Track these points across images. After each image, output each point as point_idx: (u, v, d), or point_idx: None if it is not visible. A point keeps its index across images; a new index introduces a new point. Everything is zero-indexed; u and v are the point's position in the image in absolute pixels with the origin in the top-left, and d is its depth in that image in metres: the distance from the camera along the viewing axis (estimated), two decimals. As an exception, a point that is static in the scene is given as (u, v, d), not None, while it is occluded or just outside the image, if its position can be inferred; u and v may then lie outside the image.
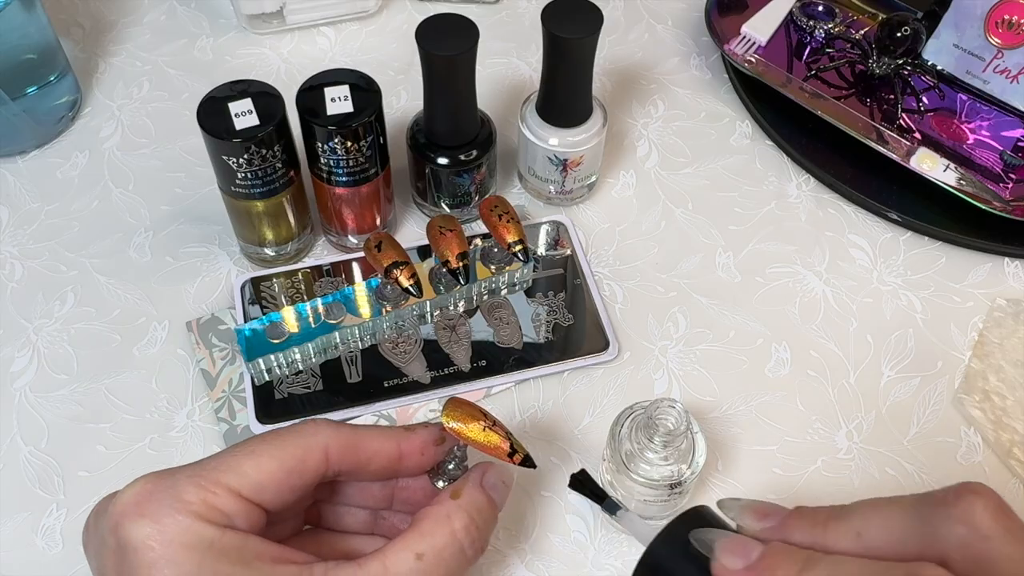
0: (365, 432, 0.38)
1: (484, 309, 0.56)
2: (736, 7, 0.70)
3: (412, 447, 0.39)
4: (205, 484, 0.34)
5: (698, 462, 0.44)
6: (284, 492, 0.36)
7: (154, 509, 0.33)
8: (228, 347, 0.54)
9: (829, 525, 0.30)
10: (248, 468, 0.35)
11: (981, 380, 0.53)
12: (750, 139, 0.66)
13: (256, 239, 0.56)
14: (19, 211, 0.60)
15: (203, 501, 0.33)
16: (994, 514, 0.28)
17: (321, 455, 0.37)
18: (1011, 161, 0.62)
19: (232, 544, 0.33)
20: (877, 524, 0.29)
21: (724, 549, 0.30)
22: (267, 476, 0.35)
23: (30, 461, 0.50)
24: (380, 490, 0.41)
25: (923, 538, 0.28)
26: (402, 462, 0.39)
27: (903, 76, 0.64)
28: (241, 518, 0.34)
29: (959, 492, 0.28)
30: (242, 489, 0.35)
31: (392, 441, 0.39)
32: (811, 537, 0.30)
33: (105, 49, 0.70)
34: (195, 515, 0.33)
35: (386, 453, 0.38)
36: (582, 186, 0.60)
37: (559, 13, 0.52)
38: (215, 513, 0.34)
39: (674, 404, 0.42)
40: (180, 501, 0.33)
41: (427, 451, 0.39)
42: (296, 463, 0.36)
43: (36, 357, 0.54)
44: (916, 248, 0.60)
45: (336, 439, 0.37)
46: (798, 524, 0.31)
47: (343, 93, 0.51)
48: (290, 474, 0.36)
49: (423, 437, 0.39)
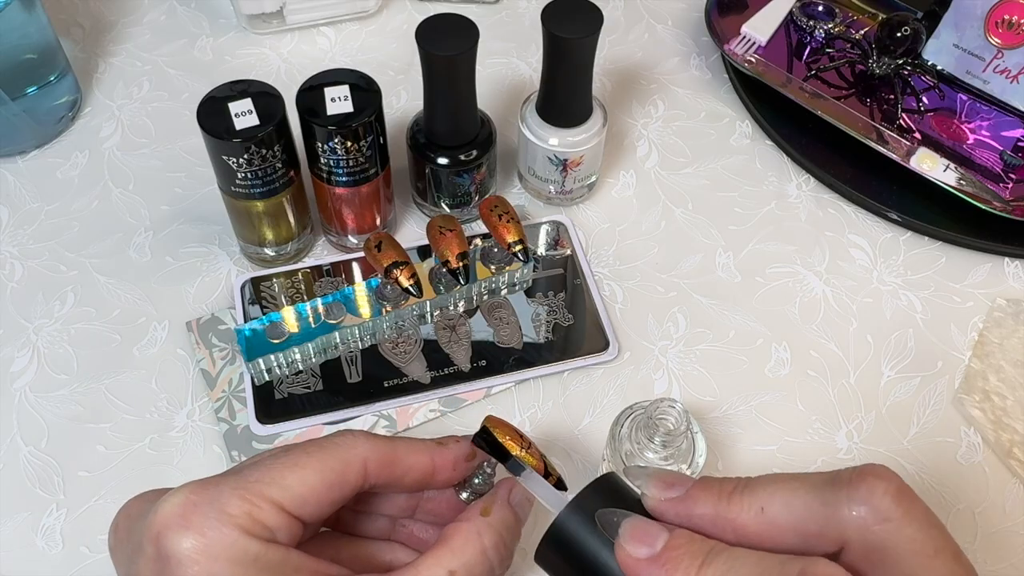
0: (402, 446, 0.38)
1: (484, 309, 0.56)
2: (736, 7, 0.70)
3: (445, 462, 0.39)
4: (250, 497, 0.33)
5: (698, 462, 0.44)
6: (324, 506, 0.35)
7: (199, 521, 0.32)
8: (228, 347, 0.54)
9: (733, 498, 0.30)
10: (292, 481, 0.34)
11: (981, 380, 0.53)
12: (750, 139, 0.66)
13: (256, 239, 0.56)
14: (19, 211, 0.60)
15: (248, 514, 0.33)
16: (895, 497, 0.28)
17: (360, 469, 0.36)
18: (1011, 161, 0.62)
19: (276, 559, 0.33)
20: (780, 500, 0.30)
21: (629, 535, 0.30)
22: (310, 490, 0.35)
23: (30, 461, 0.50)
24: (406, 500, 0.41)
25: (824, 518, 0.29)
26: (435, 476, 0.39)
27: (903, 76, 0.64)
28: (283, 532, 0.34)
29: (862, 474, 0.29)
30: (285, 503, 0.34)
31: (427, 455, 0.38)
32: (715, 509, 0.30)
33: (105, 49, 0.70)
34: (240, 529, 0.32)
35: (421, 468, 0.38)
36: (582, 186, 0.60)
37: (559, 13, 0.52)
38: (259, 527, 0.33)
39: (674, 404, 0.42)
40: (225, 514, 0.32)
41: (459, 466, 0.39)
42: (336, 477, 0.35)
43: (36, 357, 0.54)
44: (916, 248, 0.60)
45: (374, 453, 0.37)
46: (703, 496, 0.31)
47: (343, 93, 0.51)
48: (331, 488, 0.35)
49: (455, 452, 0.39)
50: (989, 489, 0.50)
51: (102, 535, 0.47)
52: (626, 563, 0.30)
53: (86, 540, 0.47)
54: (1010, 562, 0.47)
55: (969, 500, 0.49)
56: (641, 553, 0.30)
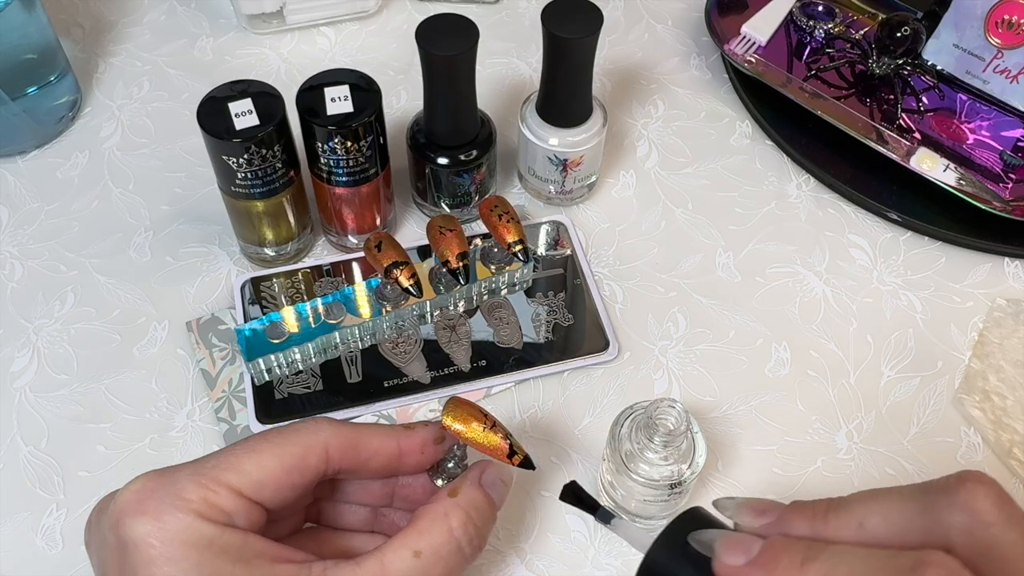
0: (366, 430, 0.39)
1: (484, 309, 0.56)
2: (736, 7, 0.70)
3: (412, 445, 0.39)
4: (206, 482, 0.34)
5: (698, 462, 0.44)
6: (284, 490, 0.36)
7: (155, 506, 0.33)
8: (228, 347, 0.54)
9: (829, 517, 0.30)
10: (249, 467, 0.35)
11: (981, 380, 0.53)
12: (750, 139, 0.66)
13: (256, 239, 0.56)
14: (19, 211, 0.60)
15: (204, 499, 0.33)
16: (996, 501, 0.28)
17: (321, 454, 0.37)
18: (1011, 161, 0.62)
19: (232, 542, 0.33)
20: (878, 513, 0.29)
21: (725, 547, 0.30)
22: (267, 475, 0.35)
23: (30, 461, 0.50)
24: (380, 488, 0.42)
25: (925, 526, 0.28)
26: (402, 460, 0.39)
27: (903, 76, 0.64)
28: (241, 516, 0.34)
29: (961, 480, 0.28)
30: (243, 488, 0.35)
31: (392, 440, 0.39)
32: (812, 530, 0.30)
33: (105, 49, 0.70)
34: (196, 513, 0.33)
35: (386, 452, 0.39)
36: (582, 186, 0.60)
37: (559, 13, 0.52)
38: (215, 511, 0.34)
39: (674, 404, 0.42)
40: (181, 499, 0.33)
41: (427, 449, 0.40)
42: (296, 462, 0.36)
43: (36, 357, 0.54)
44: (916, 248, 0.60)
45: (337, 438, 0.37)
46: (797, 518, 0.31)
47: (343, 93, 0.51)
48: (290, 472, 0.36)
49: (423, 436, 0.40)
50: (989, 489, 0.50)
51: (102, 535, 0.47)
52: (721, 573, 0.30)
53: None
54: (1010, 562, 0.47)
55: (969, 500, 0.49)
56: (739, 561, 0.29)
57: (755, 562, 0.29)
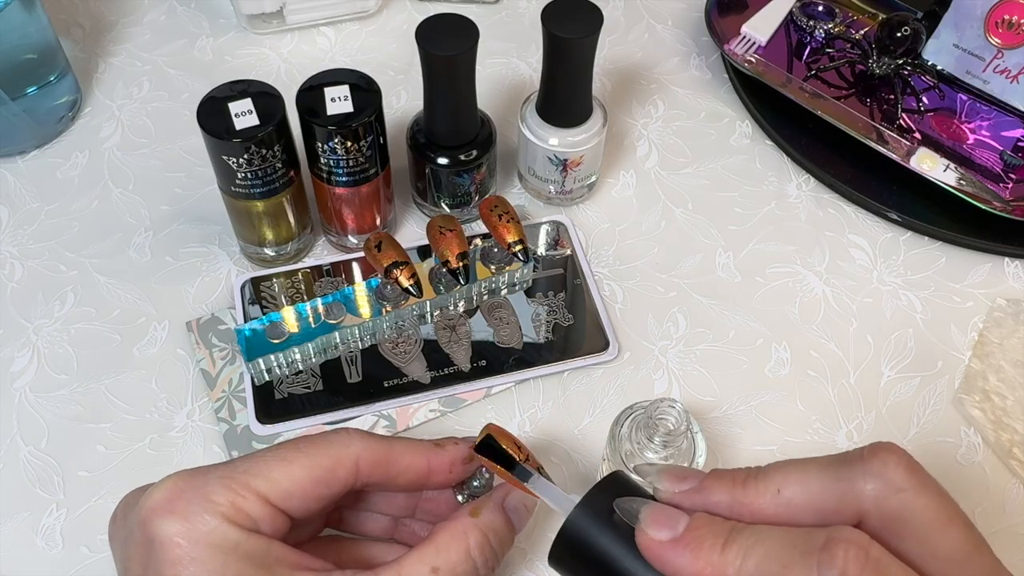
0: (397, 446, 0.38)
1: (484, 309, 0.56)
2: (736, 7, 0.70)
3: (441, 464, 0.39)
4: (235, 487, 0.34)
5: (698, 462, 0.44)
6: (311, 501, 0.36)
7: (183, 507, 0.33)
8: (228, 347, 0.54)
9: (748, 484, 0.31)
10: (278, 475, 0.35)
11: (981, 380, 0.53)
12: (750, 139, 0.66)
13: (256, 239, 0.56)
14: (19, 211, 0.60)
15: (232, 503, 0.34)
16: (906, 468, 0.29)
17: (351, 467, 0.37)
18: (1011, 161, 0.62)
19: (256, 548, 0.34)
20: (795, 481, 0.30)
21: (650, 519, 0.30)
22: (296, 485, 0.35)
23: (30, 461, 0.50)
24: (405, 500, 0.41)
25: (840, 493, 0.29)
26: (430, 477, 0.39)
27: (903, 76, 0.64)
28: (267, 523, 0.34)
29: (873, 450, 0.30)
30: (270, 495, 0.35)
31: (422, 456, 0.38)
32: (730, 496, 0.31)
33: (105, 49, 0.70)
34: (223, 517, 0.33)
35: (416, 468, 0.38)
36: (582, 186, 0.60)
37: (559, 13, 0.52)
38: (242, 516, 0.34)
39: (674, 404, 0.42)
40: (209, 501, 0.33)
41: (455, 468, 0.39)
42: (325, 473, 0.36)
43: (36, 357, 0.54)
44: (916, 248, 0.60)
45: (368, 452, 0.37)
46: (717, 485, 0.31)
47: (343, 93, 0.51)
48: (318, 484, 0.36)
49: (452, 455, 0.39)
50: (989, 489, 0.50)
51: (102, 535, 0.47)
52: (649, 547, 0.30)
53: (86, 540, 0.47)
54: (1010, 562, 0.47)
55: (969, 500, 0.49)
56: (663, 536, 0.30)
57: (680, 540, 0.30)
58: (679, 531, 0.30)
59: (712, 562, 0.29)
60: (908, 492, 0.28)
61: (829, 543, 0.27)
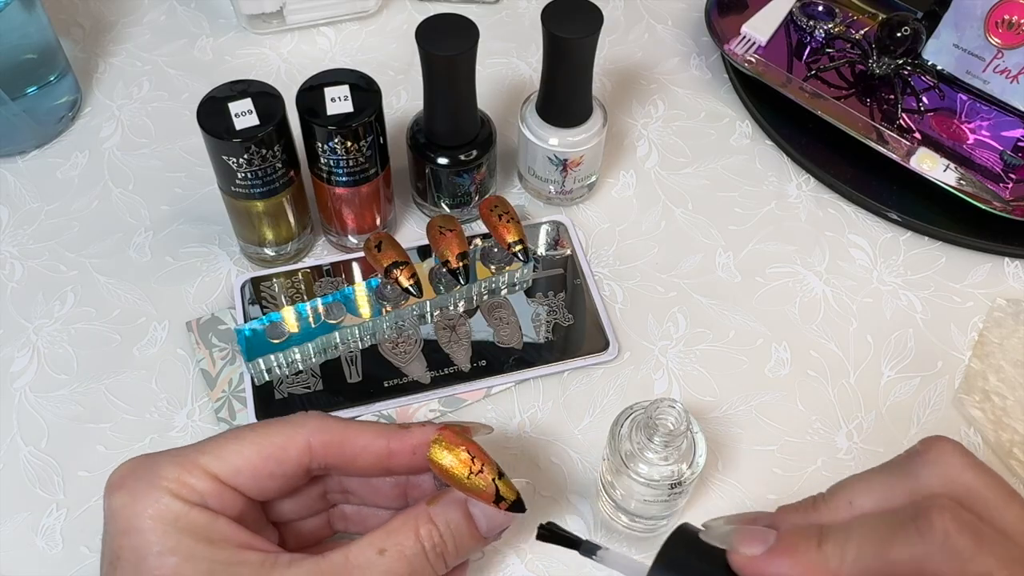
0: (355, 427, 0.38)
1: (484, 309, 0.56)
2: (736, 7, 0.70)
3: (403, 446, 0.39)
4: (184, 463, 0.35)
5: (698, 462, 0.44)
6: (262, 479, 0.37)
7: (132, 483, 0.35)
8: (228, 347, 0.54)
9: (819, 506, 0.32)
10: (227, 452, 0.36)
11: (981, 380, 0.53)
12: (750, 139, 0.66)
13: (256, 239, 0.56)
14: (19, 211, 0.60)
15: (178, 479, 0.35)
16: (963, 455, 0.31)
17: (303, 445, 0.37)
18: (1011, 161, 0.62)
19: (199, 522, 0.34)
20: (863, 491, 0.31)
21: (741, 539, 0.31)
22: (244, 461, 0.36)
23: (30, 461, 0.50)
24: (391, 489, 0.41)
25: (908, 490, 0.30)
26: (392, 460, 0.39)
27: (903, 76, 0.64)
28: (214, 499, 0.35)
29: (927, 443, 0.31)
30: (219, 471, 0.36)
31: (382, 438, 0.38)
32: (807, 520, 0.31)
33: (105, 49, 0.70)
34: (167, 491, 0.34)
35: (374, 450, 0.38)
36: (582, 186, 0.60)
37: (559, 13, 0.52)
38: (188, 491, 0.35)
39: (674, 404, 0.42)
40: (157, 476, 0.35)
41: (419, 451, 0.39)
42: (275, 450, 0.37)
43: (36, 357, 0.54)
44: (916, 248, 0.60)
45: (321, 432, 0.38)
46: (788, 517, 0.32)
47: (343, 93, 0.51)
48: (267, 460, 0.37)
49: (416, 438, 0.39)
50: (989, 489, 0.50)
51: (102, 535, 0.47)
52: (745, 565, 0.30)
53: (86, 540, 0.47)
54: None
55: (969, 500, 0.49)
56: (757, 550, 0.30)
57: (774, 550, 0.30)
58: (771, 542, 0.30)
59: (812, 560, 0.29)
60: (970, 472, 0.30)
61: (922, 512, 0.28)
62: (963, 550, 0.28)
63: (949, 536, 0.28)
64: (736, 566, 0.31)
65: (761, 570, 0.30)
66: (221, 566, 0.34)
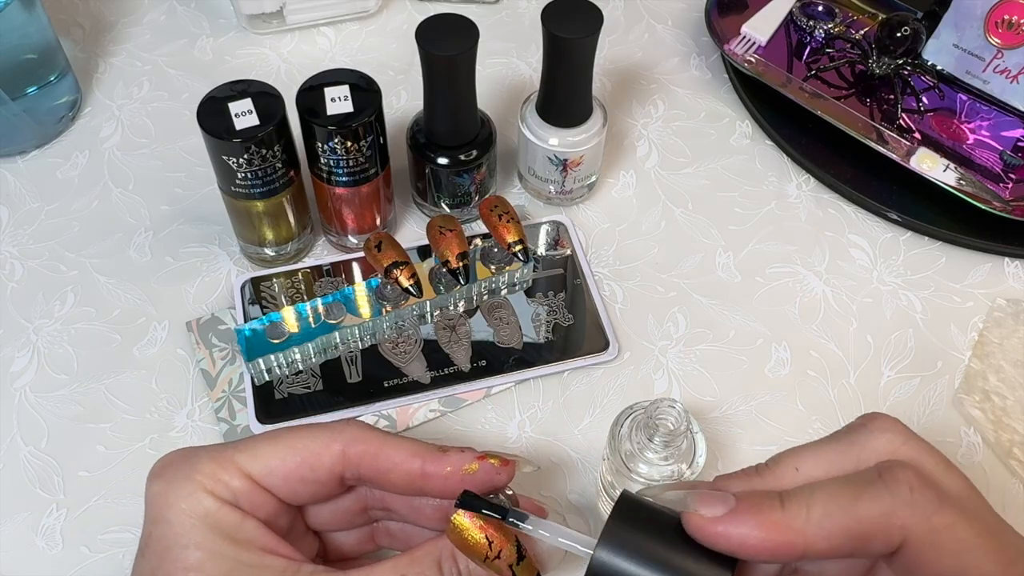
0: (393, 441, 0.38)
1: (484, 309, 0.56)
2: (736, 7, 0.70)
3: (437, 470, 0.37)
4: (220, 460, 0.36)
5: (698, 462, 0.44)
6: (293, 482, 0.36)
7: (171, 473, 0.35)
8: (228, 347, 0.54)
9: (763, 473, 0.32)
10: (262, 452, 0.36)
11: (981, 380, 0.53)
12: (750, 139, 0.66)
13: (256, 239, 0.56)
14: (19, 211, 0.60)
15: (212, 474, 0.35)
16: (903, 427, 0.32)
17: (338, 452, 0.37)
18: (1011, 161, 0.62)
19: (227, 520, 0.35)
20: (810, 459, 0.32)
21: (701, 501, 0.30)
22: (278, 461, 0.36)
23: (30, 461, 0.50)
24: (432, 511, 0.40)
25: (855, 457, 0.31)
26: (426, 481, 0.38)
27: (903, 76, 0.64)
28: (245, 499, 0.35)
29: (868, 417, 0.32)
30: (252, 471, 0.36)
31: (417, 458, 0.37)
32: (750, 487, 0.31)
33: (105, 49, 0.70)
34: (201, 485, 0.35)
35: (407, 468, 0.37)
36: (582, 186, 0.60)
37: (559, 13, 0.52)
38: (221, 488, 0.35)
39: (674, 404, 0.42)
40: (194, 470, 0.35)
41: (452, 478, 0.38)
42: (309, 455, 0.36)
43: (36, 357, 0.54)
44: (916, 248, 0.60)
45: (358, 442, 0.37)
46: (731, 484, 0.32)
47: (343, 93, 0.51)
48: (301, 465, 0.36)
49: (453, 462, 0.38)
50: (989, 489, 0.50)
51: (102, 535, 0.47)
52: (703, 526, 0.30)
53: (86, 540, 0.47)
54: (1010, 562, 0.47)
55: (969, 500, 0.49)
56: (719, 511, 0.30)
57: (736, 510, 0.30)
58: (732, 504, 0.30)
59: (776, 520, 0.29)
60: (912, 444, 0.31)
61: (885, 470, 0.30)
62: (928, 503, 0.29)
63: (914, 490, 0.29)
64: (694, 528, 0.30)
65: (724, 531, 0.29)
66: (243, 567, 0.34)
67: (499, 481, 0.37)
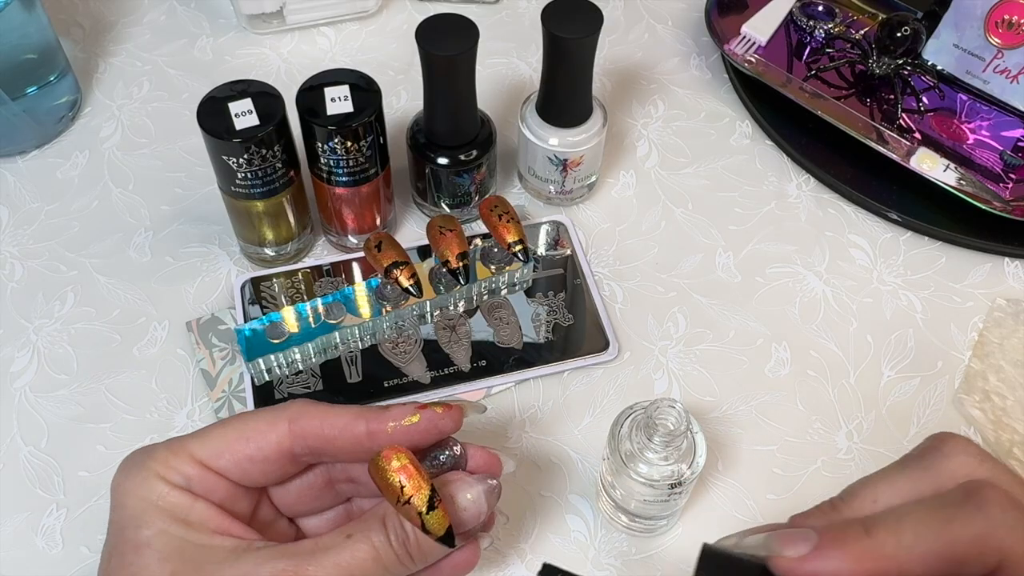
0: (334, 409, 0.39)
1: (484, 309, 0.56)
2: (736, 7, 0.70)
3: (380, 427, 0.38)
4: (174, 448, 0.38)
5: (698, 462, 0.44)
6: (243, 462, 0.38)
7: (128, 465, 0.38)
8: (228, 347, 0.54)
9: (840, 507, 0.31)
10: (211, 436, 0.38)
11: (981, 380, 0.53)
12: (750, 139, 0.66)
13: (256, 239, 0.56)
14: (19, 211, 0.60)
15: (165, 462, 0.37)
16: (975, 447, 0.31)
17: (284, 429, 0.38)
18: (1011, 161, 0.62)
19: (178, 504, 0.36)
20: (886, 488, 0.31)
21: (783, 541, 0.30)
22: (226, 444, 0.38)
23: (30, 461, 0.50)
24: None
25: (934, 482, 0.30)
26: (373, 440, 0.38)
27: (903, 76, 0.64)
28: (198, 483, 0.37)
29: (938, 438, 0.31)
30: (202, 456, 0.37)
31: (360, 419, 0.38)
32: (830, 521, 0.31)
33: (105, 49, 0.70)
34: (154, 472, 0.37)
35: (353, 431, 0.38)
36: (582, 186, 0.60)
37: (559, 13, 0.52)
38: (173, 474, 0.37)
39: (674, 404, 0.42)
40: (149, 459, 0.37)
41: (396, 432, 0.38)
42: (255, 434, 0.38)
43: (36, 357, 0.54)
44: (916, 248, 0.60)
45: (302, 416, 0.38)
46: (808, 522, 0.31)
47: (343, 93, 0.51)
48: (248, 443, 0.38)
49: (394, 416, 0.38)
50: (989, 489, 0.50)
51: (102, 535, 0.47)
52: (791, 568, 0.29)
53: (86, 540, 0.47)
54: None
55: (969, 500, 0.49)
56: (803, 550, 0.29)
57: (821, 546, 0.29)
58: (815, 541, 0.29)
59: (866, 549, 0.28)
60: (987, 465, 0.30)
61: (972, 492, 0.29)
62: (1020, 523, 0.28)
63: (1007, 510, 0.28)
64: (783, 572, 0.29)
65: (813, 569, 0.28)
66: (192, 546, 0.36)
67: (444, 427, 0.39)
